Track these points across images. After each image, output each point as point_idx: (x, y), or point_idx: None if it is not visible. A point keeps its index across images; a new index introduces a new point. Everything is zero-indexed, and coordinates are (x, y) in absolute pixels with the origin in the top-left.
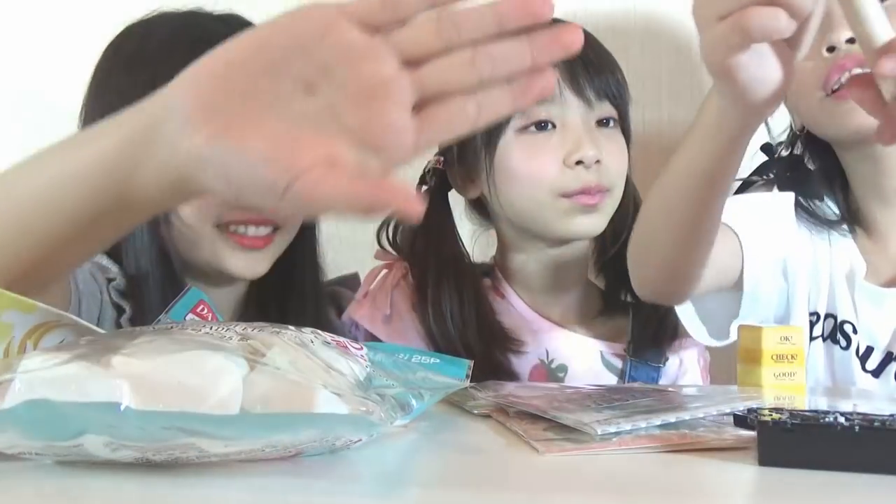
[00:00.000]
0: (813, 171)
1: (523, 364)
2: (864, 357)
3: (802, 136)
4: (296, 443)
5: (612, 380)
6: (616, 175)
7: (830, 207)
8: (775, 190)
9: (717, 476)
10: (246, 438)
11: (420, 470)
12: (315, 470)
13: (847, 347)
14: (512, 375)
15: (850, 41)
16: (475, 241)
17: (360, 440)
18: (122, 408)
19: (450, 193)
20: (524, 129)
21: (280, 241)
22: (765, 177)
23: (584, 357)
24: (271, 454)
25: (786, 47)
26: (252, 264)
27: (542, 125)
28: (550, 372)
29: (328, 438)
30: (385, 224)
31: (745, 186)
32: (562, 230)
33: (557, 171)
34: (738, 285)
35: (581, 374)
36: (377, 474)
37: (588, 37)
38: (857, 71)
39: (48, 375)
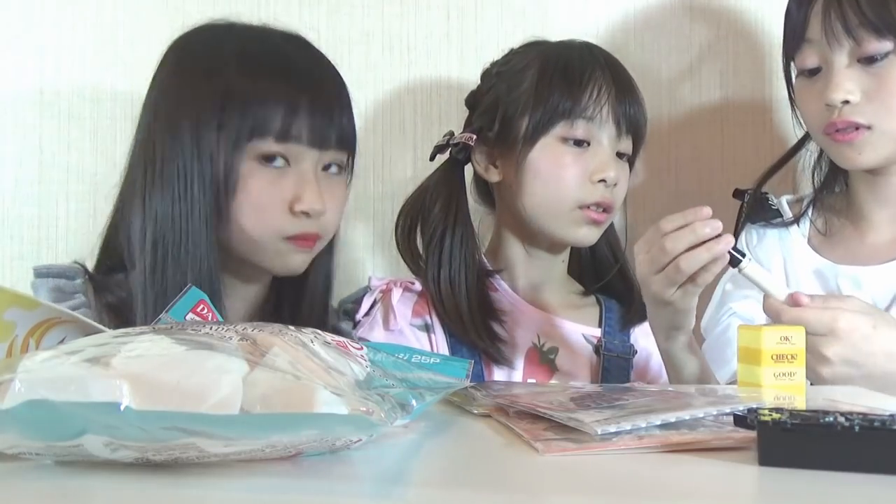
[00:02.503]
0: (769, 203)
1: (519, 348)
2: None
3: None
4: (296, 443)
5: (592, 356)
6: (621, 199)
7: (785, 212)
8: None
9: (717, 476)
10: (246, 438)
11: (420, 470)
12: (315, 470)
13: None
14: (508, 352)
15: (846, 102)
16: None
17: (360, 440)
18: (122, 408)
19: None
20: (565, 139)
21: (319, 246)
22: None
23: (570, 339)
24: (271, 454)
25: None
26: (303, 262)
27: (579, 142)
28: (542, 354)
29: (328, 438)
30: (405, 231)
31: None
32: (564, 234)
33: (580, 184)
34: None
35: (569, 355)
36: (377, 474)
37: (627, 72)
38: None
39: (48, 375)
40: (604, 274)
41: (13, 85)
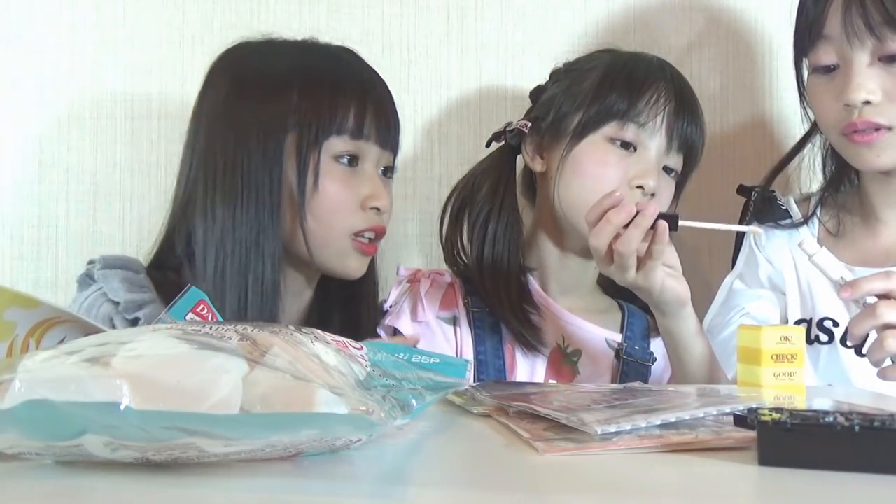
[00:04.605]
0: (778, 202)
1: (545, 345)
2: (859, 344)
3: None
4: (296, 443)
5: (613, 361)
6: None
7: (793, 212)
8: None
9: (717, 476)
10: (246, 438)
11: (420, 470)
12: (315, 470)
13: (830, 340)
14: (541, 339)
15: (867, 103)
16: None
17: (360, 440)
18: (122, 408)
19: None
20: (612, 139)
21: (376, 248)
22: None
23: (594, 344)
24: (271, 454)
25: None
26: (363, 266)
27: (626, 144)
28: (566, 356)
29: (328, 438)
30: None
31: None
32: None
33: (618, 186)
34: None
35: (592, 359)
36: (377, 474)
37: (693, 94)
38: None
39: (48, 375)
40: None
41: (13, 85)
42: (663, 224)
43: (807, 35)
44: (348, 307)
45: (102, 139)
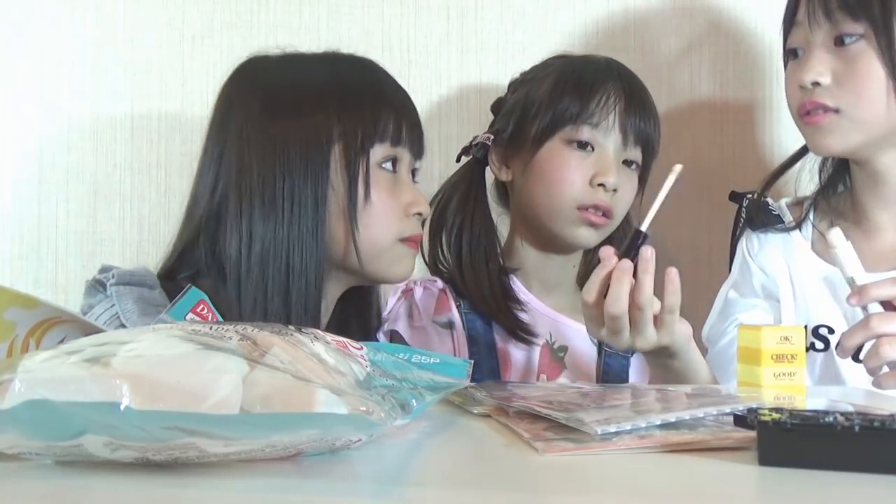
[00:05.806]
0: (770, 207)
1: (537, 335)
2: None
3: None
4: (296, 443)
5: (596, 355)
6: (622, 208)
7: (786, 217)
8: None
9: (717, 476)
10: (246, 438)
11: (420, 470)
12: (315, 470)
13: (826, 348)
14: (528, 329)
15: (815, 84)
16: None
17: (360, 440)
18: (122, 408)
19: None
20: (569, 142)
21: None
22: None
23: (578, 339)
24: (271, 454)
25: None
26: (411, 267)
27: (583, 144)
28: (553, 352)
29: (328, 438)
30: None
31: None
32: (564, 234)
33: (581, 186)
34: None
35: (577, 354)
36: (377, 474)
37: (644, 89)
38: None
39: (48, 375)
40: None
41: (13, 85)
42: (674, 271)
43: (785, 21)
44: (362, 315)
45: (102, 139)
